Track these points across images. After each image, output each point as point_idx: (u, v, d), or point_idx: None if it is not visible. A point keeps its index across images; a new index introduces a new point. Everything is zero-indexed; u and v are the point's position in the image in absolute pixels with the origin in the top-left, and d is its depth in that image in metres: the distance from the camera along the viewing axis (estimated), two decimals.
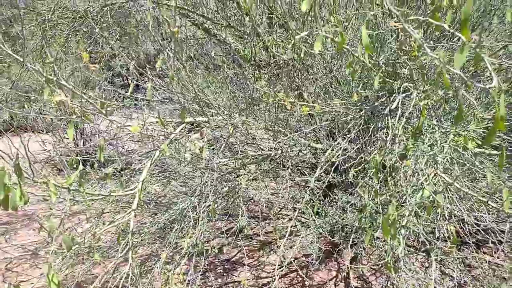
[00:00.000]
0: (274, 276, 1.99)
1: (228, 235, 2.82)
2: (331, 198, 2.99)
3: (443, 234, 1.70)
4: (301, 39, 1.10)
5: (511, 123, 1.52)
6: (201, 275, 2.72)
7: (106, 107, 1.51)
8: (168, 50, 1.45)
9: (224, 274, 3.17)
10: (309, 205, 2.63)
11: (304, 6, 0.87)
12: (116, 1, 2.59)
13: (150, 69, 2.05)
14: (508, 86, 1.78)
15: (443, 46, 1.55)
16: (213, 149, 2.19)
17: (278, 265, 2.15)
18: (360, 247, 2.66)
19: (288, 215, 3.38)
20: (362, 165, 2.01)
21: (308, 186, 2.21)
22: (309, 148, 2.72)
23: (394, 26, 0.76)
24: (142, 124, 1.31)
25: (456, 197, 1.60)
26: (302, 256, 3.21)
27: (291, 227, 2.01)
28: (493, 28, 1.75)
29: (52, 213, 1.95)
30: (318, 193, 2.63)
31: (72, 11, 2.60)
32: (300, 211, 2.30)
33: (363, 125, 2.20)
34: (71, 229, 2.05)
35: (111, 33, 3.21)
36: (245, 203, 2.58)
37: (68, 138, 4.15)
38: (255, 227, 2.89)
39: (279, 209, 3.34)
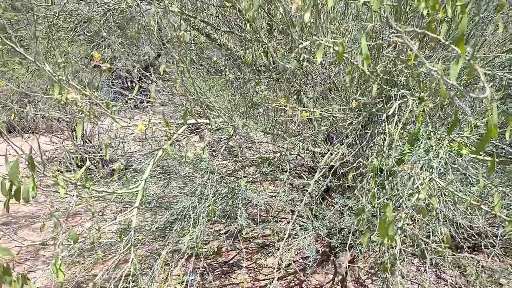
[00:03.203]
0: (272, 278, 2.02)
1: (227, 237, 2.85)
2: (328, 202, 3.03)
3: (438, 237, 1.74)
4: (302, 48, 1.15)
5: (503, 130, 1.57)
6: (199, 276, 2.75)
7: (111, 107, 1.55)
8: (173, 53, 1.50)
9: (222, 276, 3.20)
10: (307, 208, 2.67)
11: (306, 17, 0.92)
12: (119, 7, 2.64)
13: (153, 72, 2.09)
14: (500, 95, 1.84)
15: (437, 55, 1.61)
16: (213, 151, 2.23)
17: (276, 268, 2.18)
18: (357, 250, 2.70)
19: (286, 218, 3.42)
20: (360, 169, 2.06)
21: (306, 190, 2.25)
22: (308, 151, 2.77)
23: (396, 42, 0.80)
24: (146, 124, 1.36)
25: (450, 201, 1.65)
26: (300, 259, 3.24)
27: (290, 230, 2.05)
28: (486, 38, 1.81)
29: (55, 211, 1.98)
30: (316, 196, 2.67)
31: (76, 15, 2.65)
32: (298, 213, 2.34)
33: (361, 130, 2.25)
34: (74, 227, 2.08)
35: (113, 36, 3.26)
36: (244, 205, 2.62)
37: (74, 138, 4.18)
38: (253, 230, 2.92)
39: (277, 212, 3.37)
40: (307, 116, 1.78)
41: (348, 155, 2.28)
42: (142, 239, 2.36)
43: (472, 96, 0.89)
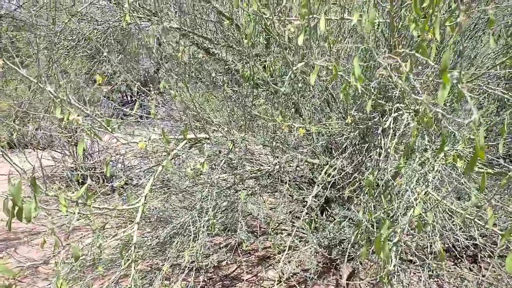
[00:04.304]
0: None
1: (227, 250, 2.86)
2: (328, 213, 3.04)
3: (436, 249, 1.75)
4: (298, 68, 1.18)
5: (497, 142, 1.60)
6: None
7: (111, 124, 1.58)
8: (171, 70, 1.53)
9: None
10: (307, 220, 2.68)
11: (300, 41, 0.95)
12: (120, 24, 2.70)
13: (153, 87, 2.13)
14: (495, 106, 1.87)
15: (430, 70, 1.64)
16: (213, 164, 2.25)
17: (277, 280, 2.19)
18: (358, 262, 2.70)
19: (286, 230, 3.42)
20: (358, 182, 2.08)
21: (306, 201, 2.27)
22: (307, 163, 2.79)
23: (381, 74, 0.85)
24: (147, 141, 1.38)
25: (447, 214, 1.66)
26: (300, 271, 3.23)
27: (290, 242, 2.06)
28: (479, 51, 1.84)
29: (54, 228, 1.99)
30: (316, 208, 2.69)
31: (77, 33, 2.70)
32: (298, 226, 2.35)
33: (359, 142, 2.28)
34: (74, 242, 2.09)
35: (113, 52, 3.31)
36: (243, 218, 2.63)
37: (75, 155, 4.21)
38: (253, 242, 2.92)
39: (277, 224, 3.38)
40: (304, 132, 1.81)
41: (347, 166, 2.30)
42: (143, 254, 2.37)
43: (458, 121, 0.92)
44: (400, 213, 1.44)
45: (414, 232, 1.53)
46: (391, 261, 1.17)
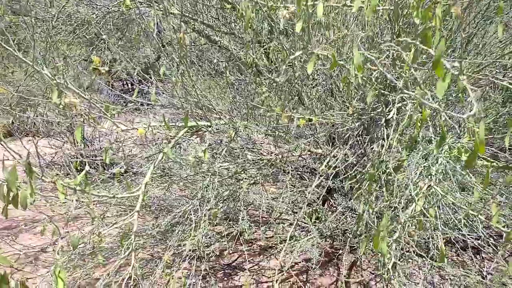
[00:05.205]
0: (274, 280, 2.01)
1: (229, 239, 2.85)
2: (330, 203, 3.02)
3: (437, 244, 1.73)
4: (298, 56, 1.15)
5: (504, 135, 1.56)
6: (201, 279, 2.75)
7: (111, 110, 1.55)
8: (173, 55, 1.50)
9: (225, 278, 3.20)
10: (308, 210, 2.66)
11: (298, 28, 0.91)
12: (119, 9, 2.64)
13: (153, 74, 2.09)
14: (502, 97, 1.83)
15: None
16: (215, 153, 2.23)
17: (278, 270, 2.18)
18: (359, 252, 2.69)
19: (288, 220, 3.41)
20: (359, 174, 2.05)
21: (308, 192, 2.25)
22: (309, 153, 2.76)
23: (374, 69, 0.81)
24: (147, 127, 1.35)
25: (449, 209, 1.63)
26: (302, 261, 3.23)
27: (292, 232, 2.05)
28: (486, 41, 1.79)
29: (54, 216, 1.98)
30: (318, 198, 2.67)
31: (76, 18, 2.65)
32: (300, 216, 2.34)
33: (362, 132, 2.24)
34: (74, 231, 2.09)
35: (112, 38, 3.26)
36: (245, 207, 2.62)
37: (74, 142, 4.19)
38: (255, 232, 2.92)
39: (279, 214, 3.37)
40: (305, 123, 1.77)
41: (349, 157, 2.27)
42: (144, 243, 2.36)
43: (458, 116, 0.88)
44: (402, 208, 1.41)
45: (416, 226, 1.51)
46: (390, 258, 1.15)
